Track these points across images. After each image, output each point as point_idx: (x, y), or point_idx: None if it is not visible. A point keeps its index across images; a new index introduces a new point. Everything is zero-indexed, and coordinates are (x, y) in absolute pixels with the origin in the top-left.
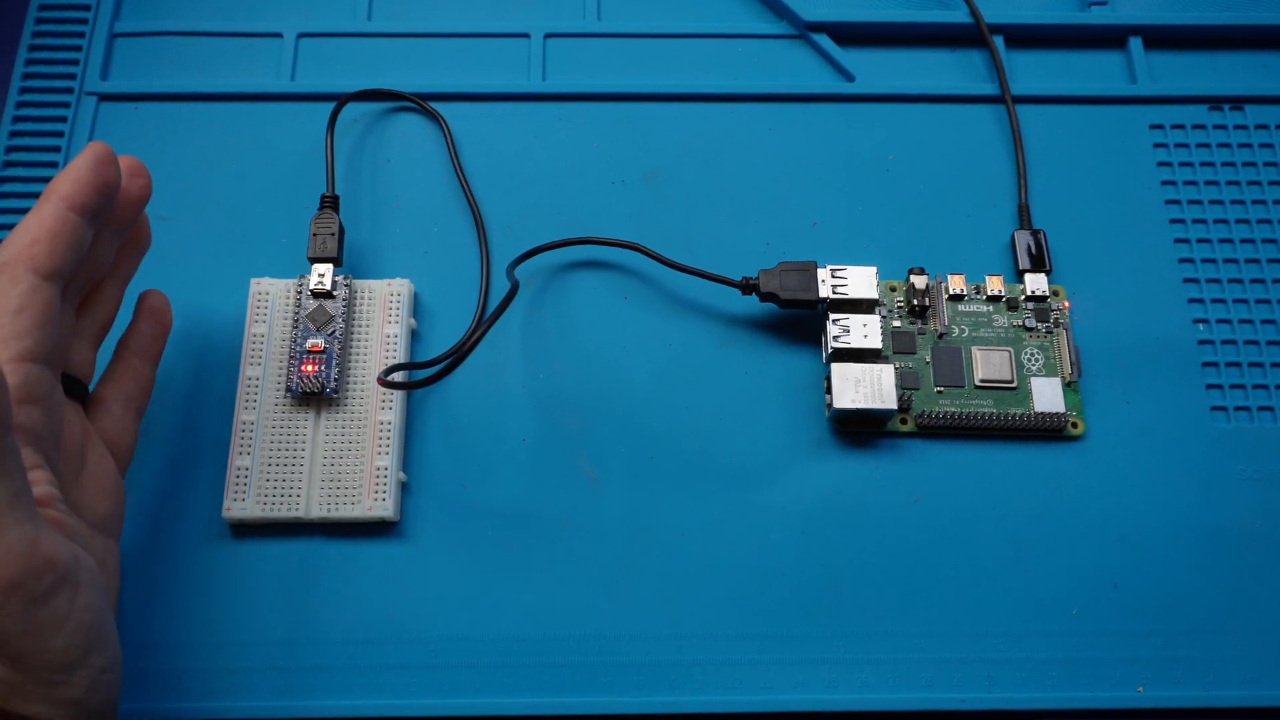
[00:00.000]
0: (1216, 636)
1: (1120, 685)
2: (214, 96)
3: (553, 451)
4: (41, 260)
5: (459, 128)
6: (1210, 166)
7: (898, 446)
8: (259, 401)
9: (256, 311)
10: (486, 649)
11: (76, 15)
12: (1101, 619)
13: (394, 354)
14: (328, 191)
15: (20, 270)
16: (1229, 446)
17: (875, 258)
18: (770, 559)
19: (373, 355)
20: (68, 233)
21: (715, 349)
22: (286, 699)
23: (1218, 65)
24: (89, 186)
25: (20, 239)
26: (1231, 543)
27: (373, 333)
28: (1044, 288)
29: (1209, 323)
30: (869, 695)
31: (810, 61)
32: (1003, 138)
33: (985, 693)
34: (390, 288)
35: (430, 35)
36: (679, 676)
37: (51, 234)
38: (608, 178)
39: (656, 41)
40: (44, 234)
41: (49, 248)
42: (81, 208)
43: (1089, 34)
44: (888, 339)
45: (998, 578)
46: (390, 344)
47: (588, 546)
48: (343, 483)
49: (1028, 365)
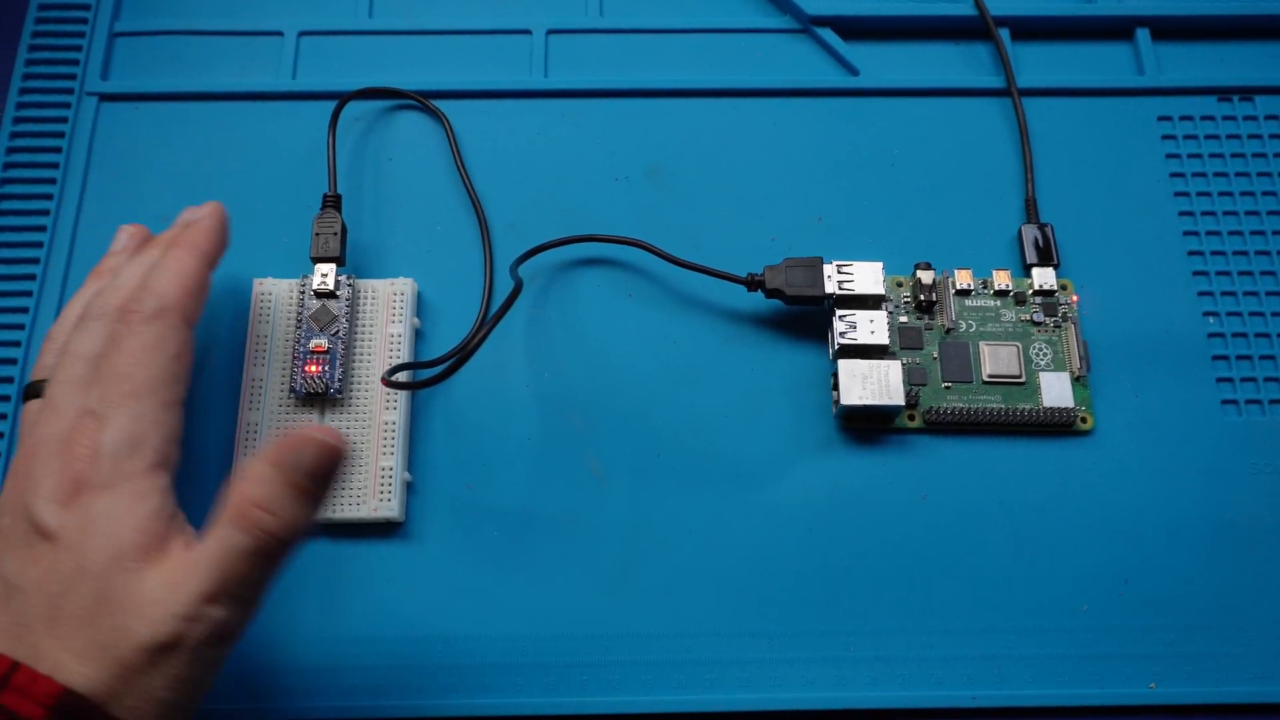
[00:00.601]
0: (1229, 632)
1: (1131, 681)
2: (215, 96)
3: (558, 450)
4: (192, 313)
5: (462, 125)
6: (1219, 158)
7: (905, 443)
8: (263, 402)
9: (260, 312)
10: (493, 648)
11: (76, 15)
12: (1112, 615)
13: (398, 353)
14: (330, 191)
15: (178, 319)
16: (1240, 440)
17: (881, 253)
18: (778, 556)
19: (377, 355)
20: (205, 288)
21: (721, 346)
22: (292, 699)
23: (1226, 55)
24: (220, 245)
25: (171, 288)
26: (1243, 537)
27: (376, 332)
28: (1052, 282)
29: (1219, 315)
30: (879, 693)
31: (814, 56)
32: (1009, 131)
33: (995, 689)
34: (393, 287)
35: (432, 32)
36: (687, 675)
37: (199, 288)
38: (611, 174)
39: (659, 37)
40: (194, 288)
41: (197, 301)
42: (213, 264)
43: (1095, 25)
44: (895, 335)
45: (1007, 574)
46: (394, 343)
47: (594, 545)
48: (348, 484)
49: (1036, 360)
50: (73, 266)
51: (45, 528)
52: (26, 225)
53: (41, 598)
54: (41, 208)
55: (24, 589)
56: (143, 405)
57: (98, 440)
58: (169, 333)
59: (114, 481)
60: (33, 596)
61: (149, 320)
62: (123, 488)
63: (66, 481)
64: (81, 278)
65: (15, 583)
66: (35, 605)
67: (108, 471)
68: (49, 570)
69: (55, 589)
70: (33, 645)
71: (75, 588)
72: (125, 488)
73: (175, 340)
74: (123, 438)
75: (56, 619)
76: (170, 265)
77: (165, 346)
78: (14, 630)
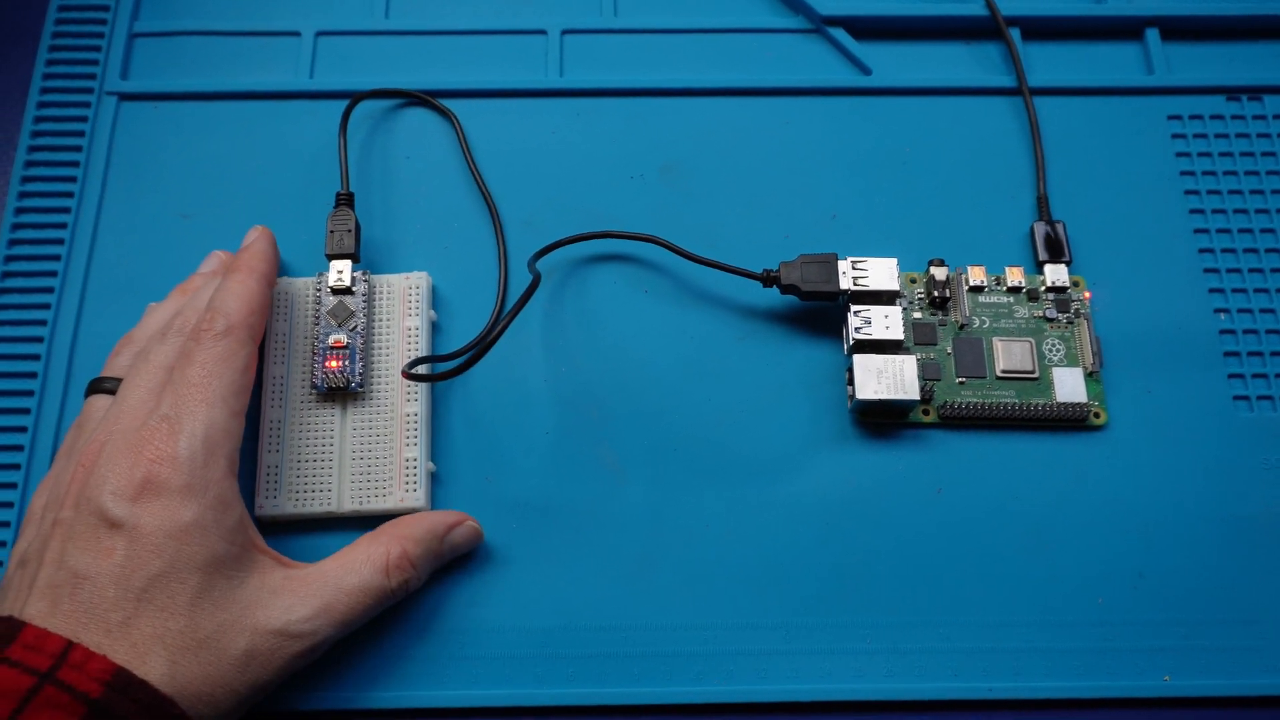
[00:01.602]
0: (1242, 626)
1: (1146, 674)
2: (233, 95)
3: (575, 444)
4: (257, 331)
5: (478, 124)
6: (1229, 156)
7: (920, 437)
8: (285, 399)
9: (278, 310)
10: (515, 640)
11: (96, 16)
12: (1126, 609)
13: (416, 346)
14: (343, 189)
15: (245, 335)
16: (1252, 436)
17: (895, 250)
18: (794, 549)
19: (395, 348)
20: (267, 306)
21: (736, 341)
22: (314, 691)
23: (1235, 55)
24: (273, 266)
25: (240, 308)
26: (1256, 532)
27: (394, 326)
28: (1064, 279)
29: (1230, 312)
30: (896, 684)
31: (827, 55)
32: (1020, 129)
33: (1011, 682)
34: (409, 281)
35: (448, 33)
36: (706, 666)
37: (262, 308)
38: (626, 172)
39: (673, 37)
40: (258, 307)
41: (261, 320)
42: (272, 285)
43: (1105, 25)
44: (909, 330)
45: (1022, 567)
46: (412, 336)
47: (612, 538)
48: (373, 476)
49: (1049, 356)
50: (93, 264)
51: (115, 519)
52: (48, 223)
53: (118, 589)
54: (62, 205)
55: (95, 579)
56: (215, 413)
57: (175, 445)
58: (237, 348)
59: (196, 486)
60: (107, 588)
61: (219, 337)
62: (207, 493)
63: (137, 479)
64: (102, 274)
65: (84, 573)
66: (110, 595)
67: (187, 476)
68: (125, 562)
69: (138, 582)
70: (105, 632)
71: (166, 584)
72: (209, 494)
73: (242, 355)
74: (199, 444)
75: (140, 611)
76: (234, 287)
77: (234, 360)
78: (81, 618)
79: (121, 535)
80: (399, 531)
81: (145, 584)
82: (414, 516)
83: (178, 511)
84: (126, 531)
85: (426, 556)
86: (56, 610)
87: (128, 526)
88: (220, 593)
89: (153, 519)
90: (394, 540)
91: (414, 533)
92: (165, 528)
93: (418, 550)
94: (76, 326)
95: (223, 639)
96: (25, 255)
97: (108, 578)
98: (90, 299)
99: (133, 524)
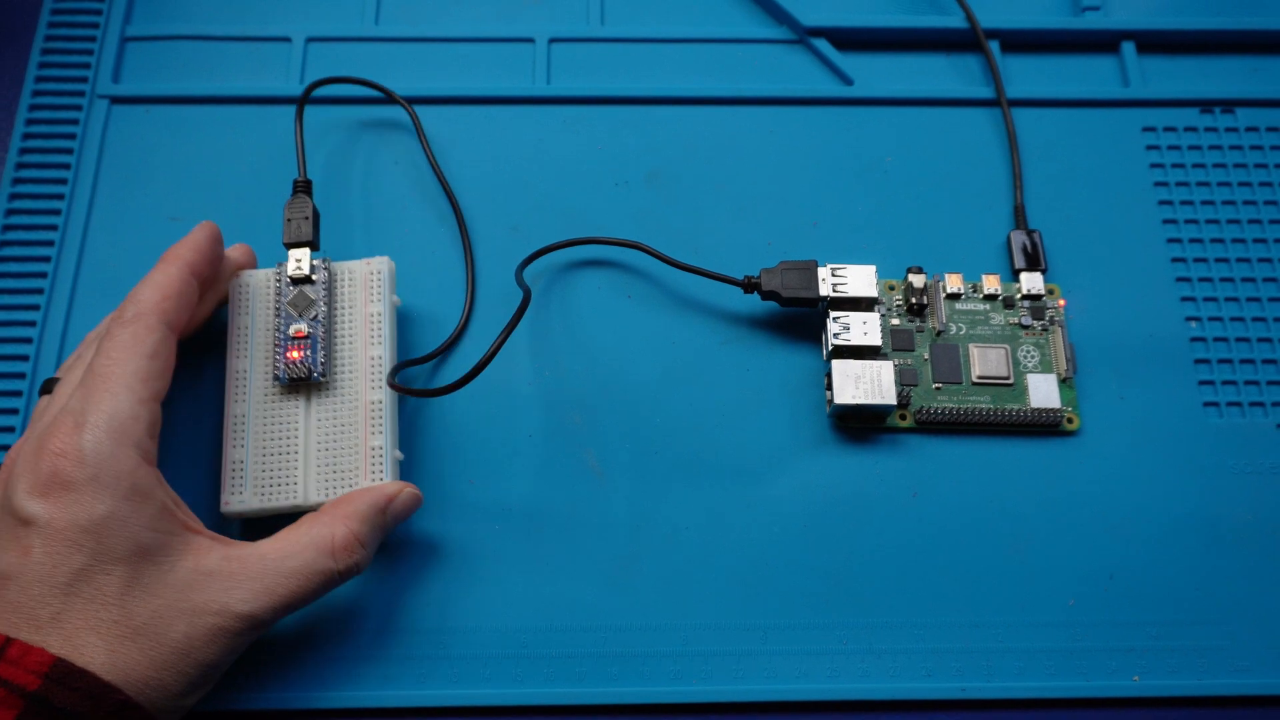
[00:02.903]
0: (1210, 626)
1: (1116, 674)
2: (224, 100)
3: (559, 447)
4: (171, 315)
5: (465, 131)
6: (1202, 168)
7: (897, 442)
8: (248, 393)
9: (240, 303)
10: (495, 640)
11: (88, 20)
12: (1098, 610)
13: (379, 332)
14: (300, 176)
15: (155, 320)
16: (1221, 441)
17: (874, 257)
18: (773, 552)
19: (358, 336)
20: (189, 293)
21: (718, 346)
22: (291, 690)
23: (1209, 69)
24: (204, 256)
25: (152, 294)
26: (1224, 535)
27: (356, 313)
28: (1039, 286)
29: (1201, 320)
30: (870, 685)
31: (810, 66)
32: (999, 140)
33: (984, 682)
34: (370, 266)
35: (437, 40)
36: (684, 667)
37: (179, 293)
38: (611, 179)
39: (659, 46)
40: (174, 294)
41: (176, 304)
42: (199, 273)
43: (1082, 38)
44: (887, 336)
45: (996, 570)
46: (375, 323)
47: (593, 540)
48: (339, 466)
49: (1024, 362)
50: (83, 266)
51: (27, 517)
52: (38, 225)
53: (42, 586)
54: (53, 208)
55: (18, 578)
56: (119, 402)
57: (78, 438)
58: (144, 333)
59: (104, 478)
60: (31, 585)
61: (125, 324)
62: (119, 485)
63: (43, 475)
64: (91, 277)
65: (8, 573)
66: (35, 593)
67: (93, 468)
68: (44, 559)
69: (61, 577)
70: (36, 629)
71: (90, 577)
72: (122, 485)
73: (150, 340)
74: (103, 434)
75: (69, 605)
76: (152, 276)
77: (140, 346)
78: (11, 618)
79: (36, 533)
80: (342, 510)
81: (69, 579)
82: (354, 493)
83: (89, 505)
84: (39, 529)
85: (373, 533)
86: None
87: (40, 523)
88: (151, 579)
89: (63, 514)
90: (338, 520)
91: (358, 509)
92: (79, 522)
93: (364, 528)
94: (65, 328)
95: (159, 624)
96: (15, 257)
97: (31, 576)
98: (79, 301)
99: (45, 520)
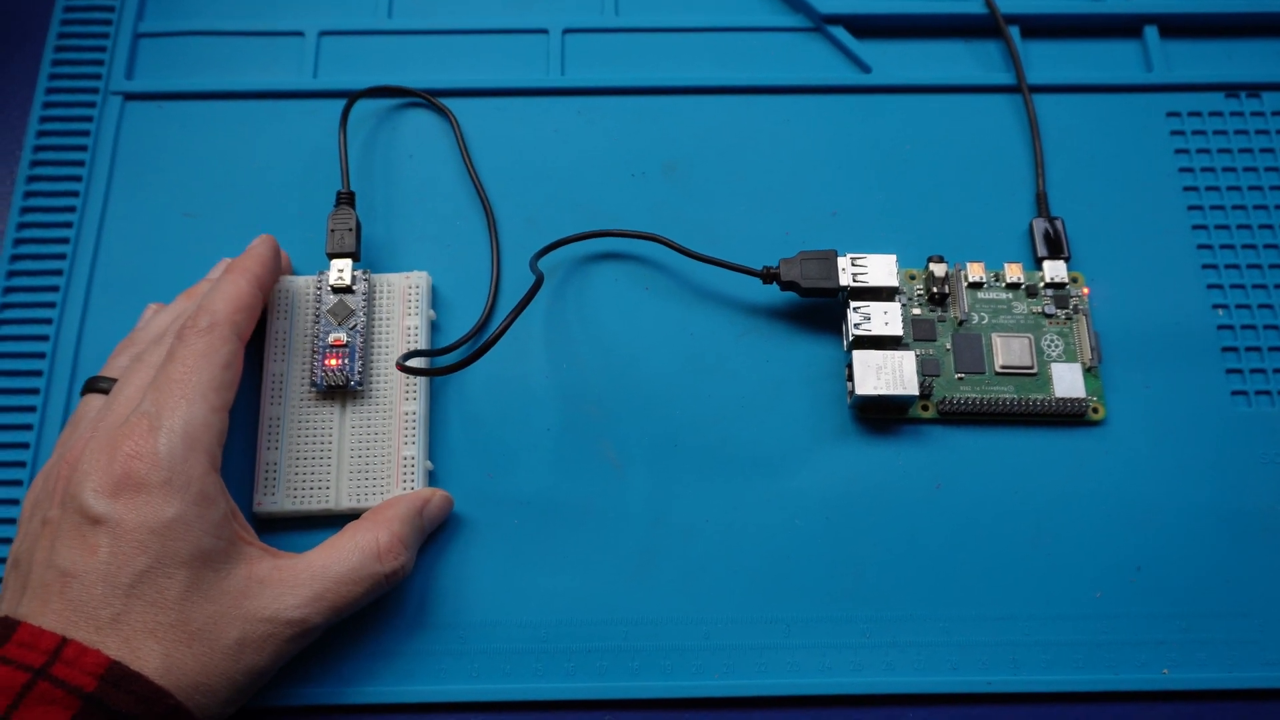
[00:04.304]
0: (1239, 619)
1: (1145, 668)
2: (237, 95)
3: (577, 440)
4: (243, 327)
5: (480, 123)
6: (1227, 153)
7: (919, 433)
8: (284, 396)
9: (278, 308)
10: (515, 635)
11: (101, 16)
12: (1125, 602)
13: (415, 345)
14: (343, 188)
15: (229, 331)
16: (1250, 430)
17: (894, 246)
18: (794, 545)
19: (394, 347)
20: (256, 306)
21: (737, 338)
22: (311, 686)
23: (1234, 52)
24: (268, 269)
25: (225, 306)
26: (1253, 526)
27: (393, 325)
28: (1063, 275)
29: (1228, 308)
30: (895, 678)
31: (827, 54)
32: (1020, 127)
33: (1011, 675)
34: (408, 280)
35: (451, 32)
36: (706, 661)
37: (249, 307)
38: (627, 170)
39: (674, 35)
40: (245, 306)
41: (247, 317)
42: (264, 287)
43: (1104, 23)
44: (908, 326)
45: (1021, 562)
46: (411, 335)
47: (613, 533)
48: (371, 474)
49: (1048, 351)
50: (98, 263)
51: (96, 516)
52: (53, 222)
53: (105, 586)
54: (67, 204)
55: (82, 577)
56: (194, 409)
57: (154, 441)
58: (219, 344)
59: (176, 482)
60: (94, 585)
61: (202, 333)
62: (189, 489)
63: (116, 475)
64: (107, 272)
65: (71, 571)
66: (98, 592)
67: (167, 472)
68: (110, 559)
69: (125, 578)
70: (96, 629)
71: (153, 579)
72: (191, 489)
73: (224, 351)
74: (178, 439)
75: (130, 606)
76: (223, 287)
77: (215, 356)
78: (71, 616)
79: (104, 532)
80: (383, 516)
81: (133, 580)
82: (390, 501)
83: (159, 507)
84: (109, 528)
85: (414, 535)
86: (47, 609)
87: (110, 523)
88: (209, 585)
89: (134, 515)
90: (380, 525)
91: (398, 513)
92: (148, 523)
93: (406, 530)
94: (81, 325)
95: (215, 630)
96: (31, 254)
97: (94, 575)
98: (95, 298)
99: (115, 520)
